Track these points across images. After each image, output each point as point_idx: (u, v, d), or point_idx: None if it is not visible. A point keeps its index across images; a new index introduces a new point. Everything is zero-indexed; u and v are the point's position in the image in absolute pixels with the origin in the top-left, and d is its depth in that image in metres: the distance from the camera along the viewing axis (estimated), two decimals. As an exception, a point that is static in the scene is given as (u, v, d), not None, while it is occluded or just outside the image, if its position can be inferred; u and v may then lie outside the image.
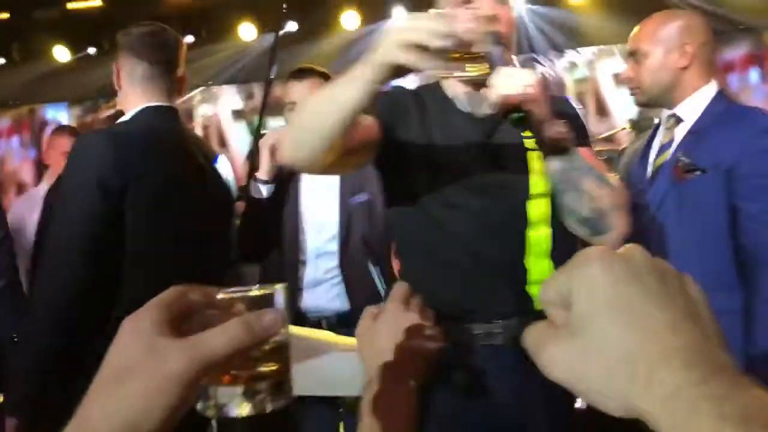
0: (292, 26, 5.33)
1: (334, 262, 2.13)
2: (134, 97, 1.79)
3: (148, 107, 1.77)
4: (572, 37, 5.63)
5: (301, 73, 2.21)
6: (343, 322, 2.08)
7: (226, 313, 0.49)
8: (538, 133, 1.20)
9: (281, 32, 5.26)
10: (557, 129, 1.19)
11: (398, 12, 5.41)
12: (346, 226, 2.14)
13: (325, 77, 2.19)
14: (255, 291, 0.51)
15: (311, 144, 1.17)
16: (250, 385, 0.50)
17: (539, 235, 1.32)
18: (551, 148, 1.21)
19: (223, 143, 5.86)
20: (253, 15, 5.44)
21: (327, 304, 2.14)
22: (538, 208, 1.32)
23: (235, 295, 0.51)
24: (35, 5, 5.34)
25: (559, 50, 5.63)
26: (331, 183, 2.16)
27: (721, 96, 1.71)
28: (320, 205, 2.17)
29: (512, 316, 1.29)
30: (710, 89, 1.71)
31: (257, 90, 5.62)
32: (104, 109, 1.80)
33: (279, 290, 0.52)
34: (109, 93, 2.20)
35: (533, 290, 1.31)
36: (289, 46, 5.00)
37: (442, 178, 1.35)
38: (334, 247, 2.14)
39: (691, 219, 1.61)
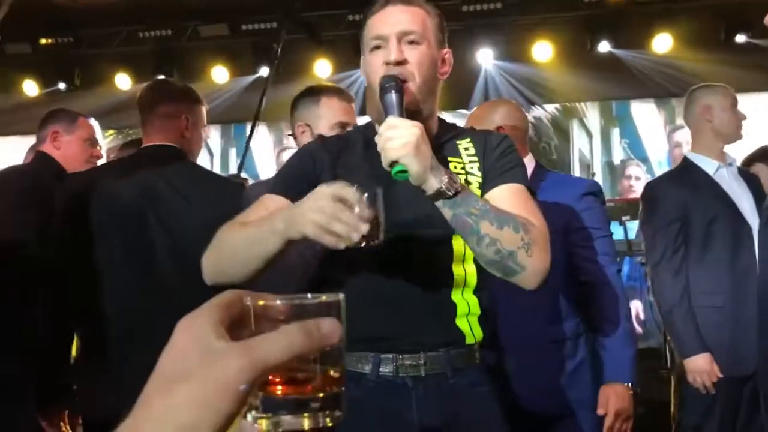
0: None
1: None
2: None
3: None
4: (538, 93, 5.95)
5: (338, 91, 2.07)
6: None
7: (279, 322, 0.48)
8: (421, 183, 1.22)
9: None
10: (440, 178, 1.21)
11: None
12: None
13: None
14: (314, 299, 0.49)
15: (232, 276, 1.28)
16: (305, 396, 0.48)
17: (463, 271, 1.37)
18: (434, 195, 1.23)
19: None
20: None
21: None
22: (459, 245, 1.35)
23: (294, 301, 0.48)
24: (6, 39, 5.54)
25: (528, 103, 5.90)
26: None
27: (540, 166, 2.18)
28: None
29: (438, 348, 1.34)
30: (530, 161, 2.11)
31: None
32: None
33: (340, 300, 0.50)
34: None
35: (461, 324, 1.36)
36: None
37: None
38: None
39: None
